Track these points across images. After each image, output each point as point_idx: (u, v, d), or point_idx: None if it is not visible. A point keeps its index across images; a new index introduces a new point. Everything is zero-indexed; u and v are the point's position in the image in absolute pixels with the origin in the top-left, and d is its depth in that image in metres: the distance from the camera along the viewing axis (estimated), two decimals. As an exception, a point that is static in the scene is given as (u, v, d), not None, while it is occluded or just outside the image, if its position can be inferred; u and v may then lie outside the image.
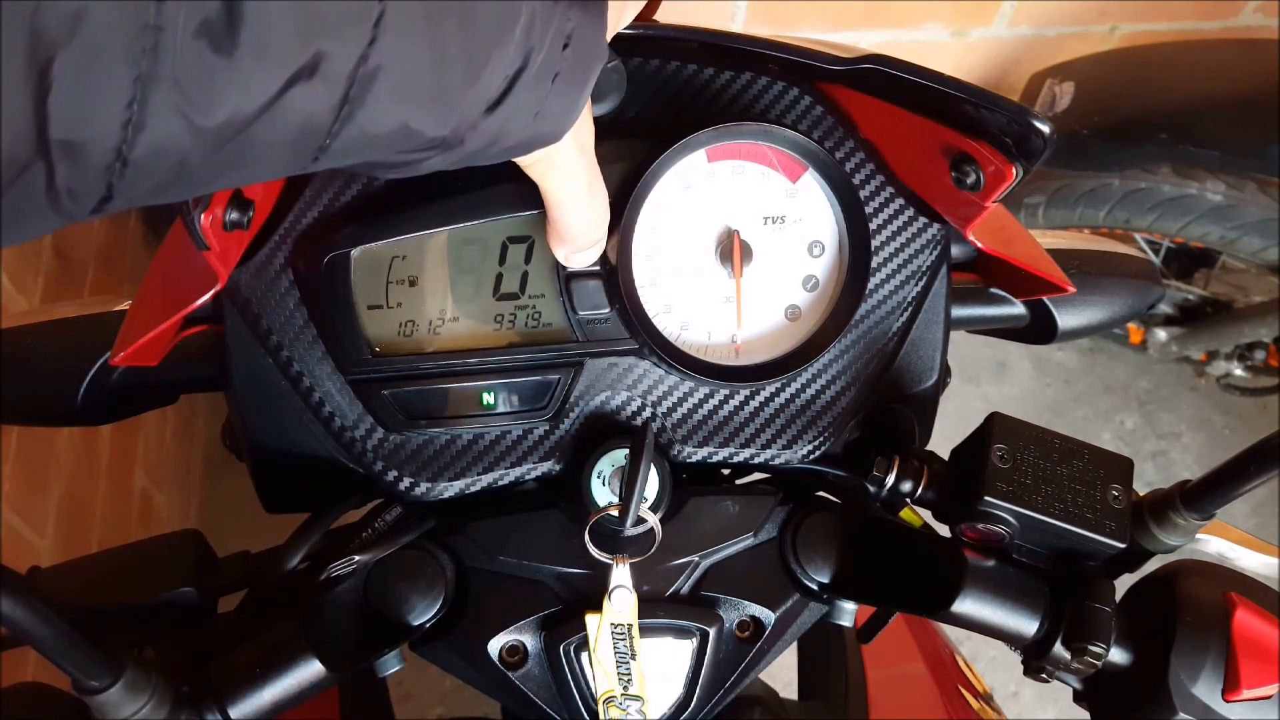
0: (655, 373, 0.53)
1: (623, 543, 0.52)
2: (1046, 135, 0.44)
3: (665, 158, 0.49)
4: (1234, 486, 0.44)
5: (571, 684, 0.52)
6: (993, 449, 0.47)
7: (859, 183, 0.54)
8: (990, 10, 1.82)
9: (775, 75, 0.53)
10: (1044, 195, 1.70)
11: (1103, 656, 0.46)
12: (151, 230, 1.62)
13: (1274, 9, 1.89)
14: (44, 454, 1.16)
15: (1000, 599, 0.48)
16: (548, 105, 0.34)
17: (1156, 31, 1.92)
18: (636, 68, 0.52)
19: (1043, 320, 0.63)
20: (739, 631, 0.54)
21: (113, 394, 0.56)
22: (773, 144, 0.51)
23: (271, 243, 0.50)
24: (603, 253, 0.49)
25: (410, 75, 0.28)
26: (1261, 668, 0.44)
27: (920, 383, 0.56)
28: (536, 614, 0.53)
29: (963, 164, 0.49)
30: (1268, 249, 1.60)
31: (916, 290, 0.55)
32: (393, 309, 0.50)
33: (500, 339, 0.51)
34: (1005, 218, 0.59)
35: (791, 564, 0.55)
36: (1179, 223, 1.63)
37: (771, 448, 0.55)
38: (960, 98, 0.46)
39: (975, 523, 0.47)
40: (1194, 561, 0.49)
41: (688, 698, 0.53)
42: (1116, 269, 0.65)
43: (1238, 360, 2.05)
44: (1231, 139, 1.58)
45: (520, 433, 0.53)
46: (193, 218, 0.41)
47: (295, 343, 0.50)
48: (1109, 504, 0.47)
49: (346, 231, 0.49)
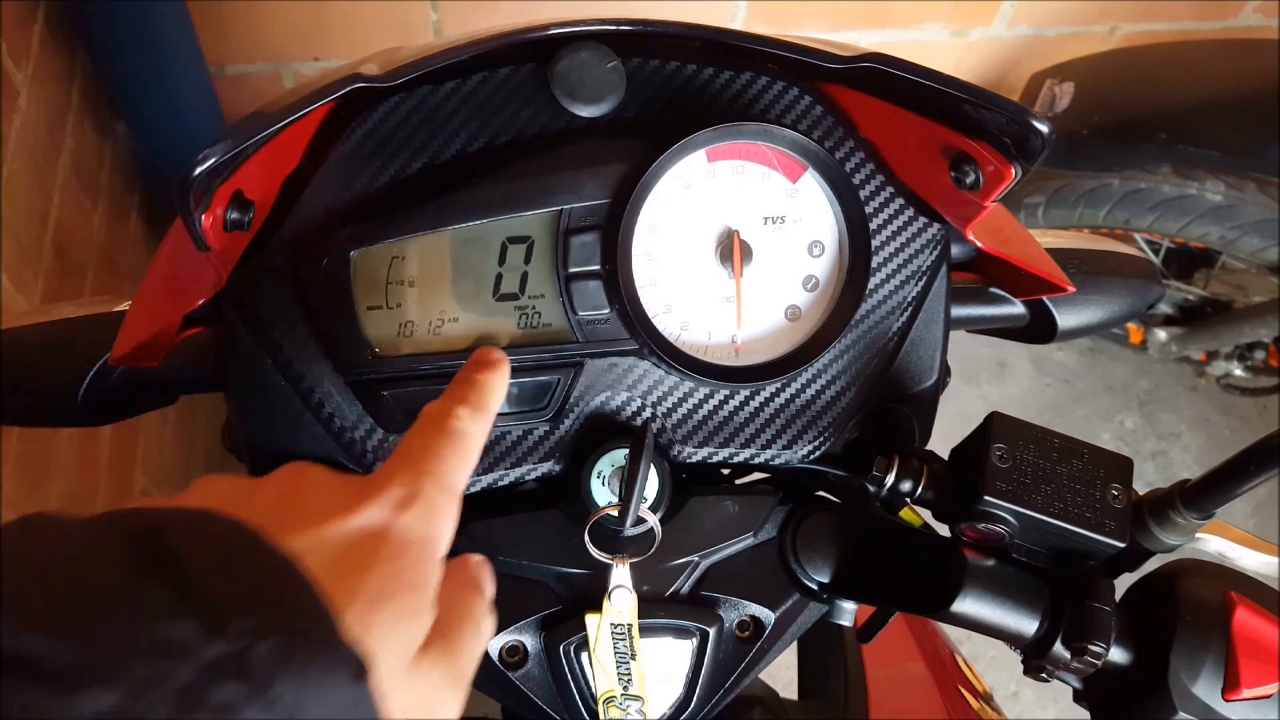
0: (655, 373, 0.53)
1: (623, 543, 0.52)
2: (1045, 135, 0.44)
3: (665, 158, 0.49)
4: (1234, 486, 0.44)
5: (571, 684, 0.53)
6: (992, 448, 0.47)
7: (859, 183, 0.54)
8: (990, 10, 1.82)
9: (775, 75, 0.53)
10: (1044, 195, 1.70)
11: (1103, 656, 0.46)
12: (151, 230, 1.62)
13: (1274, 9, 1.89)
14: (44, 454, 1.16)
15: (1000, 599, 0.48)
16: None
17: (1156, 31, 1.92)
18: (636, 68, 0.52)
19: (1042, 320, 0.63)
20: (739, 631, 0.54)
21: (113, 394, 0.56)
22: (773, 144, 0.51)
23: (271, 243, 0.50)
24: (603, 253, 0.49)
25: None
26: (1261, 667, 0.44)
27: (920, 382, 0.56)
28: (536, 614, 0.53)
29: (962, 164, 0.49)
30: (1268, 249, 1.60)
31: (916, 290, 0.55)
32: (392, 309, 0.50)
33: (500, 339, 0.51)
34: (1005, 217, 0.59)
35: (791, 564, 0.55)
36: (1179, 223, 1.62)
37: (771, 448, 0.55)
38: (959, 97, 0.46)
39: (975, 522, 0.47)
40: (1194, 561, 0.49)
41: (688, 698, 0.53)
42: (1116, 269, 0.65)
43: (1238, 360, 2.04)
44: (1231, 139, 1.58)
45: (520, 433, 0.53)
46: (193, 218, 0.41)
47: (295, 343, 0.50)
48: (1109, 503, 0.47)
49: (346, 232, 0.49)
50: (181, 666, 0.24)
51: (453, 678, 0.34)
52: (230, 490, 0.33)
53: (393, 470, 0.34)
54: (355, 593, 0.30)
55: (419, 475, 0.35)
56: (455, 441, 0.37)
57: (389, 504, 0.33)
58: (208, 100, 1.51)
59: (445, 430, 0.37)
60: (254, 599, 0.26)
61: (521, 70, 0.51)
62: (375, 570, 0.31)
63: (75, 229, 1.32)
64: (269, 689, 0.25)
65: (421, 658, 0.32)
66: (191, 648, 0.25)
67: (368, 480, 0.34)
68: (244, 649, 0.25)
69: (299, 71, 1.69)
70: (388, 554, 0.32)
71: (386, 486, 0.33)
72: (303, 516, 0.31)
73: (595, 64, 0.50)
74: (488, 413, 0.40)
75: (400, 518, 0.33)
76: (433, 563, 0.33)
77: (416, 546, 0.33)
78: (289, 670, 0.26)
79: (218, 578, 0.26)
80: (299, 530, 0.30)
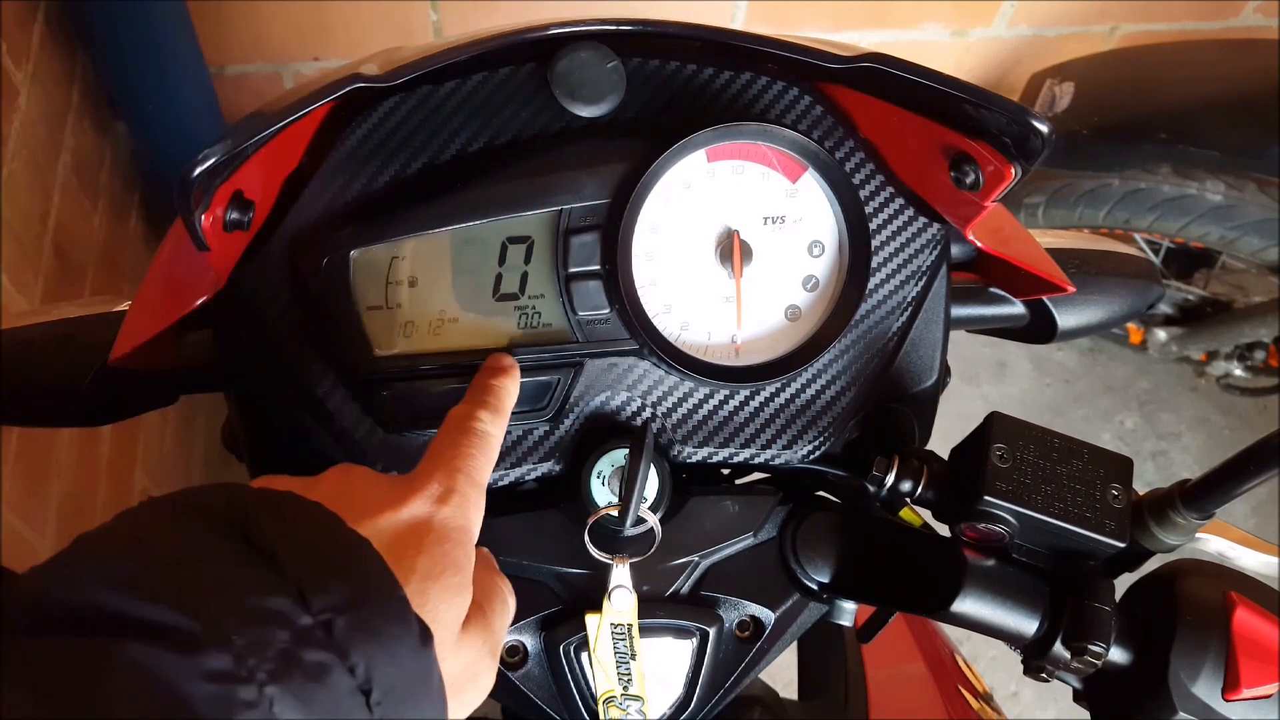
0: (655, 373, 0.53)
1: (623, 543, 0.52)
2: (1045, 135, 0.44)
3: (665, 158, 0.49)
4: (1234, 486, 0.44)
5: (571, 684, 0.53)
6: (992, 448, 0.47)
7: (859, 183, 0.54)
8: (990, 10, 1.82)
9: (775, 75, 0.53)
10: (1044, 195, 1.70)
11: (1103, 656, 0.46)
12: (151, 230, 1.62)
13: (1274, 9, 1.89)
14: (44, 454, 1.16)
15: (1000, 599, 0.48)
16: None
17: (1156, 31, 1.92)
18: (636, 67, 0.52)
19: (1042, 320, 0.63)
20: (739, 631, 0.54)
21: (113, 394, 0.56)
22: (773, 144, 0.51)
23: (271, 243, 0.50)
24: (603, 253, 0.49)
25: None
26: (1261, 667, 0.44)
27: (920, 382, 0.56)
28: (536, 614, 0.53)
29: (962, 164, 0.49)
30: (1268, 249, 1.60)
31: (916, 290, 0.55)
32: (392, 310, 0.50)
33: (500, 339, 0.51)
34: (1005, 217, 0.59)
35: (791, 564, 0.55)
36: (1179, 223, 1.62)
37: (771, 448, 0.55)
38: (959, 97, 0.46)
39: (975, 522, 0.47)
40: (1194, 561, 0.49)
41: (688, 698, 0.53)
42: (1116, 269, 0.65)
43: (1238, 360, 2.04)
44: (1231, 139, 1.58)
45: (520, 433, 0.53)
46: (193, 218, 0.41)
47: (295, 343, 0.50)
48: (1109, 503, 0.47)
49: (346, 232, 0.49)
50: (279, 634, 0.28)
51: (489, 648, 0.39)
52: (294, 485, 0.36)
53: (429, 469, 0.39)
54: (411, 572, 0.35)
55: (453, 473, 0.39)
56: (480, 442, 0.42)
57: (430, 498, 0.38)
58: (208, 100, 1.51)
59: (470, 432, 0.42)
60: (336, 575, 0.31)
61: (521, 70, 0.51)
62: (424, 554, 0.36)
63: (75, 229, 1.32)
64: (350, 654, 0.29)
65: (465, 631, 0.37)
66: (287, 618, 0.29)
67: (409, 478, 0.39)
68: (329, 620, 0.29)
69: (299, 71, 1.69)
70: (433, 539, 0.36)
71: (426, 483, 0.38)
72: (360, 509, 0.36)
73: (595, 64, 0.50)
74: (505, 415, 0.45)
75: (441, 510, 0.38)
76: (469, 548, 0.38)
77: (456, 533, 0.38)
78: (367, 637, 0.30)
79: (304, 556, 0.31)
80: (361, 520, 0.35)
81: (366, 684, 0.30)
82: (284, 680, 0.28)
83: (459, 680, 0.37)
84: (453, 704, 0.35)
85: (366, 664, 0.30)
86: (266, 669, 0.27)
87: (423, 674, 0.32)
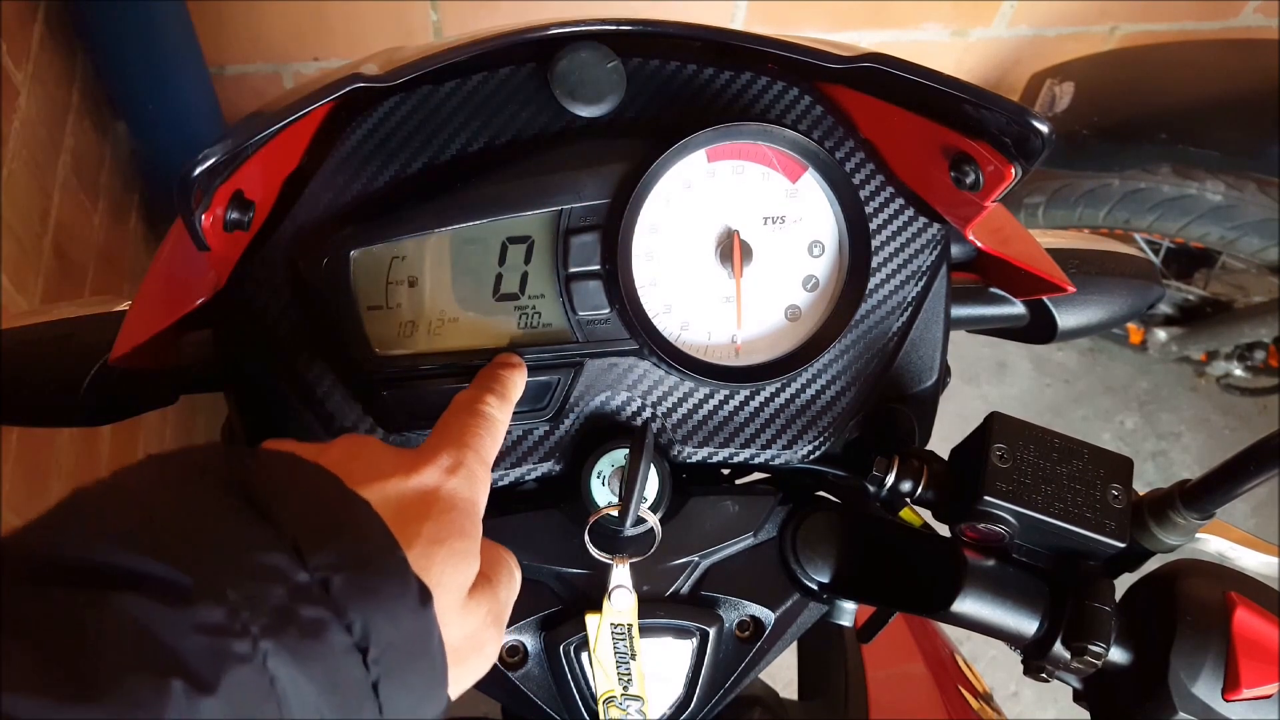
0: (655, 373, 0.53)
1: (623, 543, 0.52)
2: (1045, 135, 0.44)
3: (665, 158, 0.49)
4: (1234, 486, 0.44)
5: (571, 684, 0.53)
6: (992, 448, 0.47)
7: (859, 183, 0.54)
8: (990, 10, 1.82)
9: (775, 75, 0.53)
10: (1044, 195, 1.70)
11: (1103, 656, 0.46)
12: (151, 230, 1.62)
13: (1274, 9, 1.89)
14: (44, 454, 1.16)
15: (1000, 599, 0.48)
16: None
17: (1156, 31, 1.92)
18: (636, 67, 0.52)
19: (1042, 320, 0.63)
20: (739, 631, 0.54)
21: (113, 394, 0.56)
22: (773, 144, 0.51)
23: (271, 243, 0.50)
24: (603, 253, 0.49)
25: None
26: (1261, 667, 0.44)
27: (920, 382, 0.56)
28: (536, 614, 0.53)
29: (962, 164, 0.49)
30: (1268, 249, 1.60)
31: (916, 290, 0.55)
32: (392, 310, 0.50)
33: (500, 339, 0.51)
34: (1005, 217, 0.59)
35: (791, 564, 0.55)
36: (1179, 223, 1.62)
37: (771, 448, 0.55)
38: (959, 97, 0.46)
39: (975, 522, 0.47)
40: (1194, 561, 0.49)
41: (688, 698, 0.53)
42: (1116, 269, 0.65)
43: (1238, 360, 2.04)
44: (1231, 139, 1.58)
45: (520, 433, 0.53)
46: (193, 218, 0.41)
47: (295, 344, 0.50)
48: (1109, 503, 0.47)
49: (346, 232, 0.49)
50: (275, 590, 0.28)
51: (495, 616, 0.39)
52: (299, 449, 0.37)
53: (438, 444, 0.40)
54: (416, 536, 0.35)
55: (461, 448, 0.40)
56: (487, 422, 0.43)
57: (438, 470, 0.38)
58: (208, 100, 1.51)
59: (478, 413, 0.43)
60: (334, 534, 0.31)
61: (522, 70, 0.51)
62: (431, 520, 0.36)
63: (75, 229, 1.32)
64: (347, 611, 0.29)
65: (470, 597, 0.38)
66: (284, 574, 0.29)
67: (419, 450, 0.39)
68: (326, 578, 0.29)
69: (299, 71, 1.69)
70: (440, 508, 0.37)
71: (435, 456, 0.39)
72: (368, 474, 0.36)
73: (595, 64, 0.50)
74: (510, 403, 0.46)
75: (449, 481, 0.38)
76: (476, 520, 0.39)
77: (464, 503, 0.38)
78: (364, 596, 0.30)
79: (303, 515, 0.31)
80: (365, 484, 0.35)
81: (364, 642, 0.30)
82: (279, 635, 0.28)
83: (463, 648, 0.37)
84: (457, 671, 0.36)
85: (364, 622, 0.30)
86: (261, 623, 0.27)
87: (422, 635, 0.32)
